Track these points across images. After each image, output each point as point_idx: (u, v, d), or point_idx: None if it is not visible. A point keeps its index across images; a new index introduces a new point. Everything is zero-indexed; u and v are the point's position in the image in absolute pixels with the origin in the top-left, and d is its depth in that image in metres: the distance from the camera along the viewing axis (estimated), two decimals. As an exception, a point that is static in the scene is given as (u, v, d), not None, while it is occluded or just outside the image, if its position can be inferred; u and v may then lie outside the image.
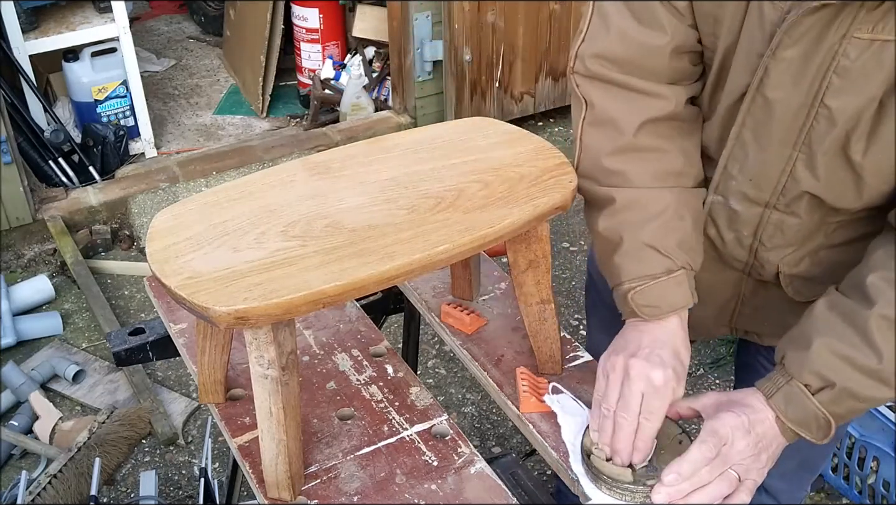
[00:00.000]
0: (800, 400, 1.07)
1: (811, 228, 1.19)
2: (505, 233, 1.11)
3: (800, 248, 1.22)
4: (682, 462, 1.05)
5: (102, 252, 3.31)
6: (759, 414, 1.08)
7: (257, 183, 1.16)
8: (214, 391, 1.26)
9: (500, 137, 1.26)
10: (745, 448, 1.06)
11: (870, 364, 1.03)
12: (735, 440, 1.06)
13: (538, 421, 1.22)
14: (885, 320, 1.02)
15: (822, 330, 1.07)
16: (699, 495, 1.06)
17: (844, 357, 1.04)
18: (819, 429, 1.07)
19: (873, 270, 1.07)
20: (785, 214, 1.18)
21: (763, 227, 1.21)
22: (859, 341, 1.04)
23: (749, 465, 1.07)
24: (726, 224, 1.24)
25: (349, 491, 1.15)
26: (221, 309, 0.96)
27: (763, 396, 1.09)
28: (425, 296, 1.45)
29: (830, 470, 2.37)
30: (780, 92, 1.09)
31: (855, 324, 1.04)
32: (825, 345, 1.05)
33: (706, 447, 1.06)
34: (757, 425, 1.08)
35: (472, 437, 2.58)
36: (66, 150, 3.39)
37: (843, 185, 1.12)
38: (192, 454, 2.53)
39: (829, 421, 1.06)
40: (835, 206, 1.15)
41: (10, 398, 2.62)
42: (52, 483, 2.20)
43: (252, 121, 3.96)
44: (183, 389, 2.72)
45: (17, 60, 3.25)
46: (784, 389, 1.08)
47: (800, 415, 1.07)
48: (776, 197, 1.17)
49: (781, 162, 1.13)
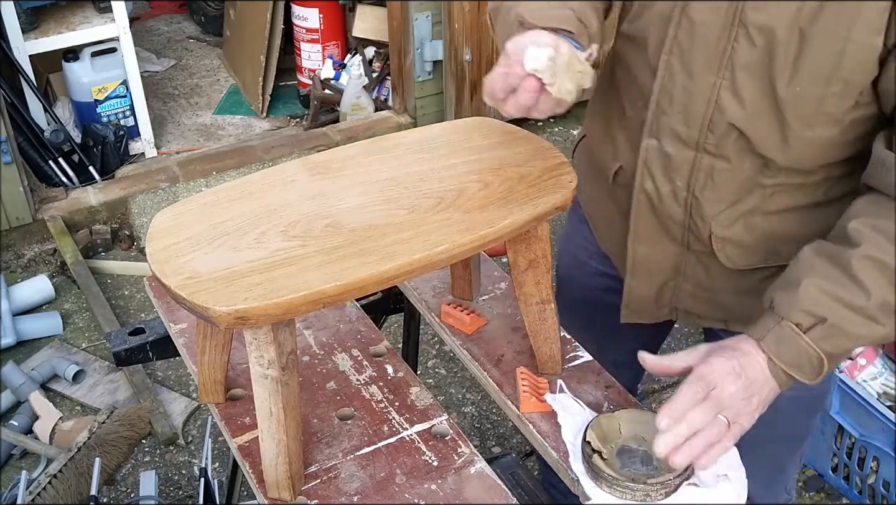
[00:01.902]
0: (791, 340, 1.08)
1: (742, 181, 1.22)
2: (505, 233, 1.11)
3: (733, 208, 1.25)
4: (670, 404, 1.06)
5: (102, 252, 3.31)
6: (749, 358, 1.09)
7: (257, 183, 1.16)
8: (214, 391, 1.26)
9: (500, 137, 1.27)
10: (736, 392, 1.07)
11: (858, 302, 1.05)
12: (725, 384, 1.07)
13: (538, 421, 1.22)
14: (868, 260, 1.05)
15: (808, 272, 1.09)
16: (696, 442, 1.05)
17: (833, 295, 1.06)
18: (812, 369, 1.08)
19: (855, 217, 1.09)
20: (715, 158, 1.21)
21: (695, 175, 1.24)
22: (847, 281, 1.06)
23: (740, 409, 1.08)
24: (662, 173, 1.26)
25: (349, 491, 1.15)
26: (221, 309, 0.96)
27: (754, 341, 1.10)
28: (425, 296, 1.45)
29: (830, 470, 2.37)
30: (703, 13, 1.13)
31: (840, 265, 1.07)
32: (813, 284, 1.07)
33: (692, 389, 1.06)
34: (748, 369, 1.08)
35: (472, 437, 2.58)
36: (66, 150, 3.39)
37: (767, 123, 1.14)
38: (192, 454, 2.53)
39: (822, 359, 1.07)
40: (762, 153, 1.18)
41: (10, 398, 2.62)
42: (52, 483, 2.20)
43: (252, 121, 3.96)
44: (183, 389, 2.72)
45: (17, 60, 3.25)
46: (774, 330, 1.09)
47: (792, 355, 1.08)
48: (705, 134, 1.19)
49: (707, 90, 1.16)
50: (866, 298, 1.05)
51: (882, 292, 1.05)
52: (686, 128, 1.21)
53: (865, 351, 2.24)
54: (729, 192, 1.24)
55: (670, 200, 1.28)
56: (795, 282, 1.09)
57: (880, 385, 2.22)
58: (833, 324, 1.06)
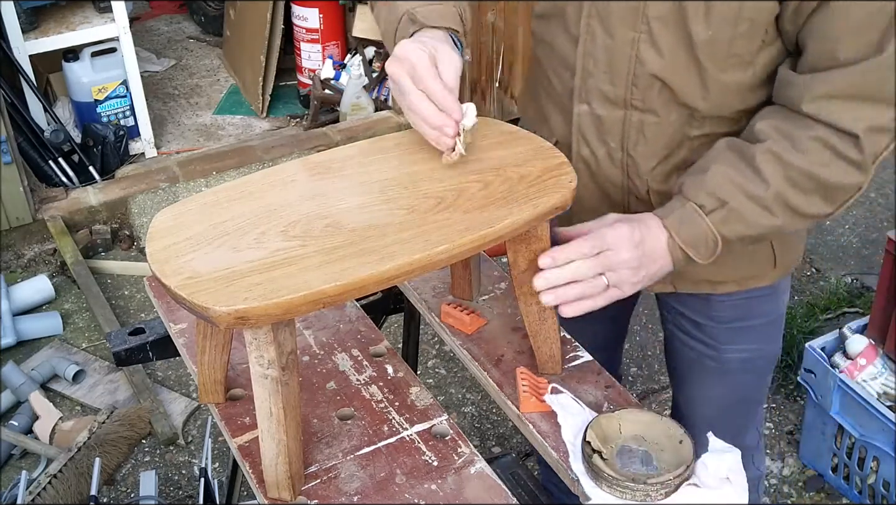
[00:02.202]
0: (693, 220, 1.18)
1: (671, 134, 1.29)
2: (505, 233, 1.11)
3: (666, 162, 1.32)
4: (559, 248, 1.15)
5: (102, 252, 3.31)
6: (652, 231, 1.19)
7: (257, 183, 1.16)
8: (214, 391, 1.26)
9: (500, 137, 1.27)
10: (629, 259, 1.16)
11: (757, 192, 1.17)
12: (621, 249, 1.16)
13: (538, 421, 1.22)
14: (770, 154, 1.17)
15: (718, 160, 1.20)
16: (570, 291, 1.16)
17: (736, 182, 1.17)
18: (707, 249, 1.20)
19: (761, 119, 1.21)
20: (643, 113, 1.28)
21: (627, 133, 1.31)
22: (749, 172, 1.17)
23: (625, 277, 1.17)
24: (596, 136, 1.34)
25: (349, 491, 1.15)
26: (221, 309, 0.96)
27: (658, 219, 1.20)
28: (425, 296, 1.45)
29: (830, 470, 2.37)
30: None
31: (745, 157, 1.18)
32: (720, 171, 1.19)
33: (588, 244, 1.16)
34: (647, 241, 1.18)
35: (472, 437, 2.58)
36: (66, 150, 3.39)
37: (685, 70, 1.22)
38: (192, 454, 2.53)
39: (717, 241, 1.19)
40: (685, 102, 1.25)
41: (10, 398, 2.62)
42: (52, 483, 2.20)
43: (252, 121, 3.96)
44: (183, 389, 2.72)
45: (17, 60, 3.25)
46: (679, 211, 1.20)
47: (691, 234, 1.19)
48: (630, 90, 1.27)
49: (627, 46, 1.24)
50: (765, 188, 1.16)
51: (778, 185, 1.16)
52: (612, 87, 1.28)
53: (865, 351, 2.24)
54: (660, 147, 1.31)
55: (607, 163, 1.35)
56: (705, 168, 1.20)
57: (880, 385, 2.22)
58: (733, 208, 1.17)
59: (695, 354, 1.55)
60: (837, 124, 1.14)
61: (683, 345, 1.55)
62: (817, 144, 1.16)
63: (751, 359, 1.54)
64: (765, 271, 1.44)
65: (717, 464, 1.10)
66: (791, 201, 1.18)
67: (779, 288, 1.49)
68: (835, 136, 1.15)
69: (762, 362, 1.58)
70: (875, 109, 1.14)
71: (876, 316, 2.28)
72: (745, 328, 1.50)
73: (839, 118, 1.14)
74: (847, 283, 3.08)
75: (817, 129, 1.16)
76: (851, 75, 1.13)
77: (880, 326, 2.27)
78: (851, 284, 3.09)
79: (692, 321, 1.51)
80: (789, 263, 1.47)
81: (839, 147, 1.15)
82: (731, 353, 1.52)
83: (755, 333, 1.51)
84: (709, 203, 1.18)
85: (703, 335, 1.51)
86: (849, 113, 1.14)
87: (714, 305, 1.47)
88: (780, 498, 2.40)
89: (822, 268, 3.18)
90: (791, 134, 1.17)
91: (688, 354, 1.56)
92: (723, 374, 1.55)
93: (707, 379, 1.57)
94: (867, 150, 1.15)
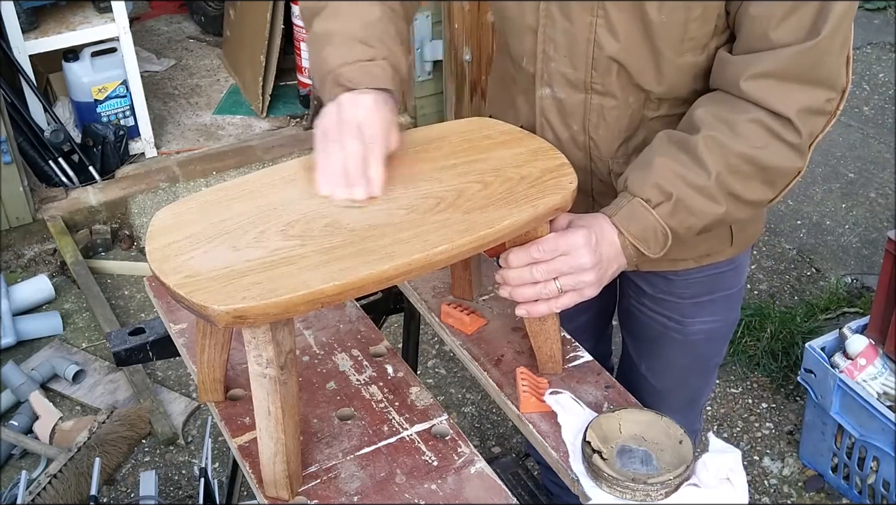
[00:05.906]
0: (641, 214, 1.20)
1: (630, 116, 1.31)
2: (505, 233, 1.11)
3: (626, 145, 1.34)
4: (514, 250, 1.18)
5: (102, 252, 3.31)
6: (605, 232, 1.20)
7: (257, 182, 1.16)
8: (213, 390, 1.26)
9: (500, 138, 1.27)
10: (586, 263, 1.17)
11: (700, 181, 1.18)
12: (579, 255, 1.17)
13: (538, 421, 1.22)
14: (710, 140, 1.18)
15: (660, 153, 1.21)
16: (526, 291, 1.18)
17: (679, 174, 1.18)
18: (657, 243, 1.21)
19: (699, 107, 1.22)
20: (603, 97, 1.30)
21: (588, 116, 1.32)
22: (691, 162, 1.18)
23: (585, 280, 1.18)
24: (559, 120, 1.35)
25: (349, 491, 1.15)
26: (220, 308, 0.96)
27: (607, 217, 1.21)
28: (425, 296, 1.45)
29: (830, 470, 2.37)
30: None
31: (686, 148, 1.19)
32: (663, 164, 1.20)
33: (538, 251, 1.17)
34: (602, 244, 1.19)
35: (472, 437, 2.58)
36: (66, 150, 3.39)
37: (641, 53, 1.23)
38: (192, 454, 2.53)
39: (667, 234, 1.20)
40: (641, 85, 1.27)
41: (10, 398, 2.62)
42: (52, 483, 2.20)
43: (252, 121, 3.96)
44: (183, 389, 2.72)
45: (17, 60, 3.25)
46: (626, 207, 1.21)
47: (640, 228, 1.20)
48: (590, 73, 1.28)
49: (586, 29, 1.24)
50: (707, 177, 1.18)
51: (719, 171, 1.18)
52: (573, 70, 1.29)
53: (865, 351, 2.24)
54: (620, 129, 1.33)
55: (571, 147, 1.36)
56: (648, 161, 1.21)
57: (880, 385, 2.22)
58: (679, 199, 1.18)
59: (661, 328, 1.58)
60: (771, 106, 1.16)
61: (649, 319, 1.59)
62: (754, 126, 1.17)
63: (715, 329, 1.59)
64: (722, 248, 1.47)
65: (718, 464, 1.10)
66: (733, 187, 1.19)
67: (739, 262, 1.54)
68: (770, 117, 1.17)
69: (725, 330, 1.63)
70: (807, 92, 1.16)
71: (876, 316, 2.28)
72: (708, 301, 1.53)
73: (772, 100, 1.16)
74: (847, 283, 3.08)
75: (753, 111, 1.17)
76: (785, 57, 1.14)
77: (880, 326, 2.27)
78: (851, 283, 3.09)
79: (655, 298, 1.55)
80: (747, 239, 1.50)
81: (776, 129, 1.17)
82: (695, 325, 1.56)
83: (718, 306, 1.55)
84: (654, 196, 1.19)
85: (667, 311, 1.55)
86: (782, 94, 1.16)
87: (677, 283, 1.51)
88: (780, 498, 2.40)
89: (822, 268, 3.17)
90: (728, 119, 1.18)
91: (654, 328, 1.59)
92: (687, 344, 1.59)
93: (672, 350, 1.61)
94: (803, 132, 1.17)
